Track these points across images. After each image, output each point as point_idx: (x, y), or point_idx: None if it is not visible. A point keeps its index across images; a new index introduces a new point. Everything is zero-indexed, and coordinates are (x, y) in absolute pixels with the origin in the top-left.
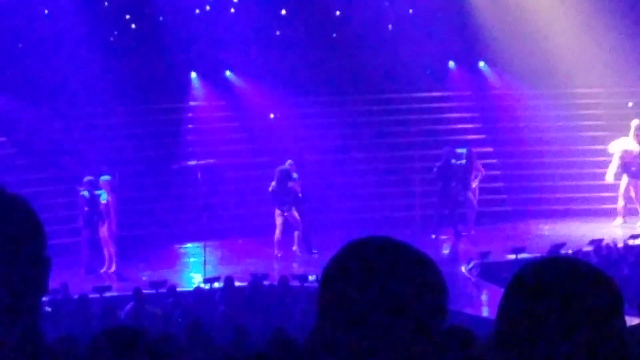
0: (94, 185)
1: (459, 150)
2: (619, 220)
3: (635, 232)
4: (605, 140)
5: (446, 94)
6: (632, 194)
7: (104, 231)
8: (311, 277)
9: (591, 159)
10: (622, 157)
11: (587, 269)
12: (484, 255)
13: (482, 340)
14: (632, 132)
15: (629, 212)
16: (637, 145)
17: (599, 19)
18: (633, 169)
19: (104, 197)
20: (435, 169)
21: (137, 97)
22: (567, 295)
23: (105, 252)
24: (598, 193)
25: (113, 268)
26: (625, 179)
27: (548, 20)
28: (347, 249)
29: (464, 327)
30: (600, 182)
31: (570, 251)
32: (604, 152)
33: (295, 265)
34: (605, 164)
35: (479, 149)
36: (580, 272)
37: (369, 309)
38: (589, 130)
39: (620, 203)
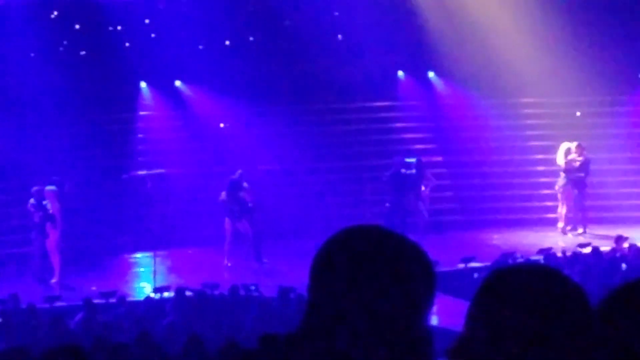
0: (42, 195)
1: (409, 160)
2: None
3: (583, 241)
4: (553, 150)
5: (396, 103)
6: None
7: (50, 241)
8: (252, 287)
9: (540, 168)
10: (566, 164)
11: (558, 276)
12: (434, 264)
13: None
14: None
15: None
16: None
17: (547, 31)
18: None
19: (49, 207)
20: (385, 178)
21: (86, 107)
22: (537, 302)
23: (53, 262)
24: (547, 202)
25: (56, 278)
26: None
27: (497, 31)
28: (334, 238)
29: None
30: (549, 191)
31: (519, 260)
32: (553, 162)
33: (245, 274)
34: (554, 173)
35: (428, 159)
36: (550, 279)
37: (356, 302)
38: (538, 140)
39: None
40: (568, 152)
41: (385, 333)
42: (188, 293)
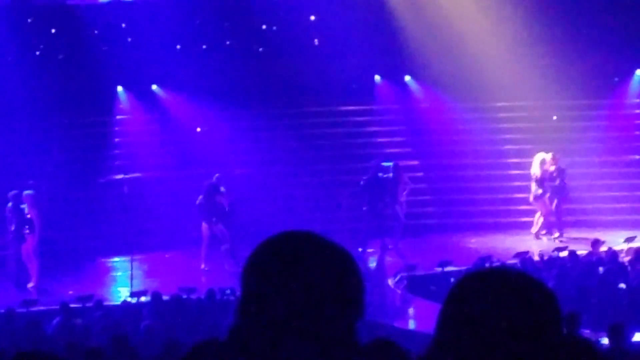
0: (20, 200)
1: (386, 164)
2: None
3: (560, 245)
4: (530, 154)
5: (372, 107)
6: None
7: (27, 245)
8: (228, 291)
9: (517, 172)
10: (542, 174)
11: (528, 280)
12: (411, 268)
13: (411, 353)
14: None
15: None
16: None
17: (523, 35)
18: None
19: (27, 211)
20: (362, 183)
21: (63, 110)
22: (506, 306)
23: (29, 266)
24: (524, 206)
25: (33, 282)
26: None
27: (474, 35)
28: (263, 244)
29: (389, 340)
30: (526, 195)
31: (496, 264)
32: (529, 166)
33: (222, 278)
34: (530, 178)
35: (405, 163)
36: (520, 283)
37: (283, 306)
38: (514, 144)
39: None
40: (543, 162)
41: (310, 337)
42: (165, 297)
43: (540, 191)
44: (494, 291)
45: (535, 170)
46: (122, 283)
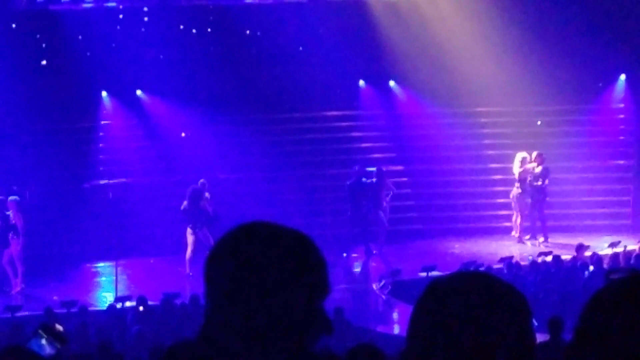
0: (4, 205)
1: (370, 169)
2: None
3: (544, 250)
4: (513, 159)
5: (356, 112)
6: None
7: (12, 251)
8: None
9: (500, 177)
10: (520, 173)
11: (496, 283)
12: (395, 273)
13: (394, 358)
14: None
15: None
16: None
17: (507, 40)
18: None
19: (11, 217)
20: (346, 188)
21: (47, 116)
22: (476, 309)
23: (9, 272)
24: (507, 211)
25: (18, 288)
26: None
27: (457, 40)
28: (223, 237)
29: (371, 345)
30: (509, 200)
31: (481, 269)
32: (512, 170)
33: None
34: (513, 183)
35: (389, 168)
36: (488, 286)
37: (244, 293)
38: (499, 149)
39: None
40: (524, 161)
41: (268, 335)
42: (150, 302)
43: (519, 191)
44: (463, 294)
45: (515, 170)
46: (107, 288)
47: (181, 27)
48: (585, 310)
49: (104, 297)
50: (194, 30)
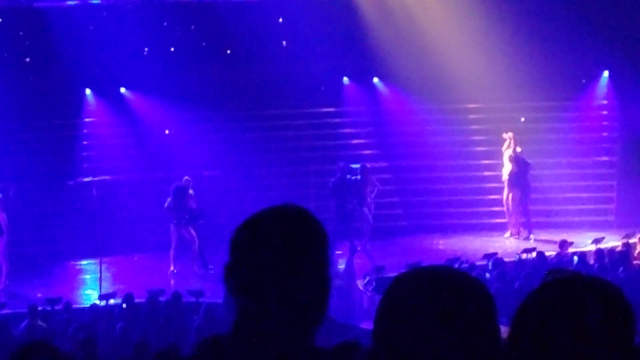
0: None
1: (354, 166)
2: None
3: (528, 246)
4: (498, 155)
5: (341, 109)
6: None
7: None
8: (197, 293)
9: (484, 173)
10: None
11: (458, 277)
12: (379, 269)
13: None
14: (507, 143)
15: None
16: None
17: (491, 36)
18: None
19: None
20: (330, 184)
21: (31, 113)
22: (438, 301)
23: None
24: (491, 208)
25: (2, 285)
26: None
27: (441, 37)
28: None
29: (356, 342)
30: (494, 197)
31: (465, 265)
32: (497, 167)
33: (191, 281)
34: (498, 179)
35: (373, 164)
36: (449, 280)
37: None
38: (482, 145)
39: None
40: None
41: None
42: (135, 300)
43: (506, 190)
44: (427, 288)
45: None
46: (91, 286)
47: (165, 23)
48: (517, 310)
49: (89, 295)
50: (177, 28)
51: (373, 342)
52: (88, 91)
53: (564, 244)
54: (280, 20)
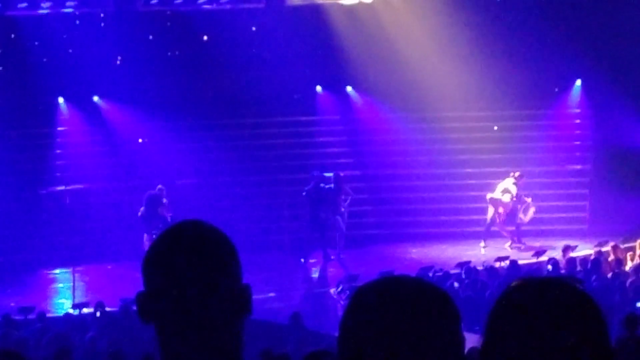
0: None
1: (327, 174)
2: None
3: (502, 254)
4: (469, 164)
5: (314, 118)
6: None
7: None
8: None
9: (458, 182)
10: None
11: (423, 285)
12: (353, 278)
13: None
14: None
15: (491, 235)
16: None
17: (464, 45)
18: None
19: None
20: (304, 193)
21: (4, 122)
22: (400, 312)
23: None
24: (465, 216)
25: None
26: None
27: (413, 46)
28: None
29: (329, 351)
30: (467, 205)
31: (438, 274)
32: (471, 175)
33: None
34: (471, 187)
35: (346, 173)
36: (412, 290)
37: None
38: (455, 154)
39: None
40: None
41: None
42: (108, 308)
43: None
44: (389, 298)
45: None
46: (64, 295)
47: (138, 33)
48: (488, 316)
49: (62, 304)
50: (151, 36)
51: (338, 350)
52: (61, 100)
53: (538, 253)
54: (254, 29)
